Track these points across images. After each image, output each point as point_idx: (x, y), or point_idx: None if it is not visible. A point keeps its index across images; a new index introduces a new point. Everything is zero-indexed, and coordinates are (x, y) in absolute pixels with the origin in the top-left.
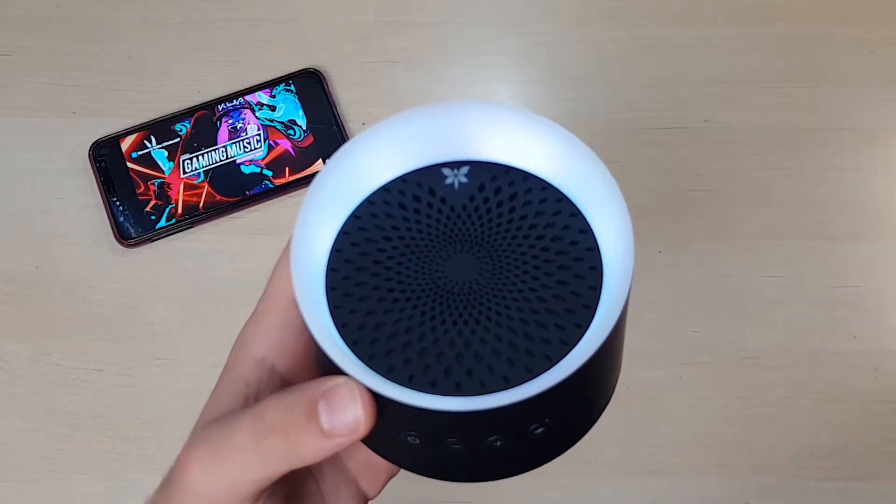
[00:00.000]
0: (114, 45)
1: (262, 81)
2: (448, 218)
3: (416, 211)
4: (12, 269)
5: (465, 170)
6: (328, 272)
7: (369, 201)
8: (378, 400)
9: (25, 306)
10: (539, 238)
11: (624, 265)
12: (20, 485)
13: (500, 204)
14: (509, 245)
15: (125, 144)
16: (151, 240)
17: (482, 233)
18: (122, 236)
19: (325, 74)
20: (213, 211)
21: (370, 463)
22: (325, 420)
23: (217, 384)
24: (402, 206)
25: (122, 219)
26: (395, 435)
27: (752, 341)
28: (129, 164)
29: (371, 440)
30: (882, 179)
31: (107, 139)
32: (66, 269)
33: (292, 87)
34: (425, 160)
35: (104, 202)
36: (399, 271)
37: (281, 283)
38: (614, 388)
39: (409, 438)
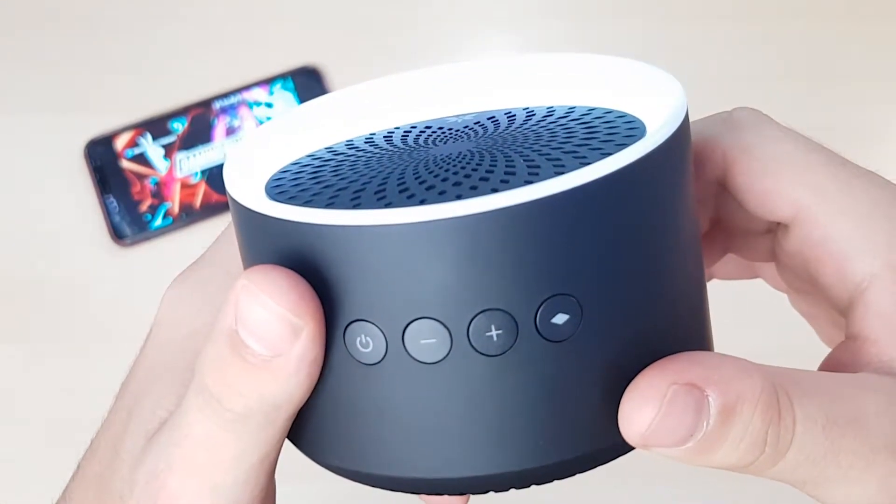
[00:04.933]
0: (108, 43)
1: (259, 78)
2: (443, 133)
3: (405, 132)
4: (6, 269)
5: (470, 115)
6: (270, 181)
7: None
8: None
9: (19, 307)
10: (565, 117)
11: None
12: (15, 487)
13: (510, 116)
14: (524, 132)
15: (119, 143)
16: (147, 240)
17: (490, 132)
18: (118, 236)
19: (323, 71)
20: (211, 210)
21: None
22: (253, 342)
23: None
24: (387, 136)
25: (117, 218)
26: (335, 353)
27: (759, 342)
28: (124, 163)
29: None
30: (890, 178)
31: (101, 138)
32: (60, 269)
33: (290, 84)
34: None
35: (99, 201)
36: (369, 163)
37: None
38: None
39: (358, 344)
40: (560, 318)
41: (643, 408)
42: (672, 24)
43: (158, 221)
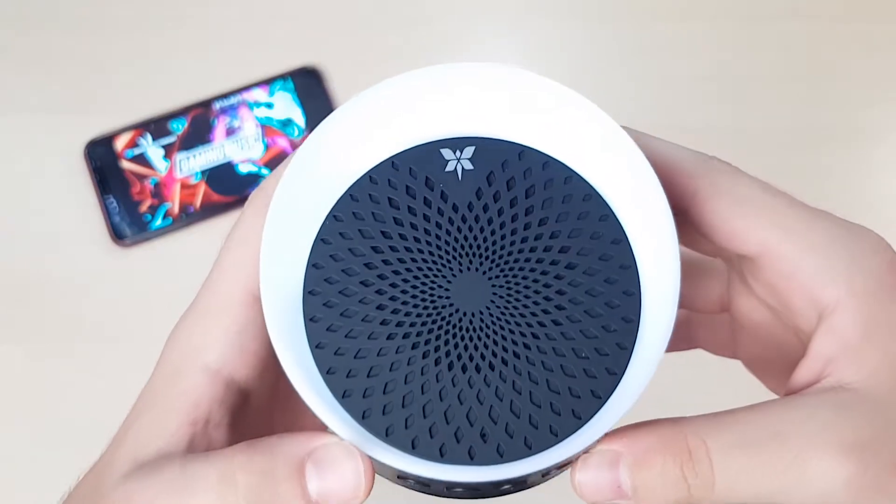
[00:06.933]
0: (108, 43)
1: (259, 79)
2: (451, 222)
3: (411, 210)
4: (6, 269)
5: (469, 151)
6: (305, 296)
7: (351, 195)
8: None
9: (19, 307)
10: (562, 251)
11: (667, 287)
12: (14, 488)
13: (513, 202)
14: (526, 261)
15: (120, 143)
16: (147, 240)
17: (493, 243)
18: (118, 236)
19: (323, 72)
20: (210, 211)
21: None
22: (314, 486)
23: (155, 394)
24: (392, 205)
25: (117, 219)
26: (390, 477)
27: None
28: (124, 164)
29: None
30: (891, 179)
31: (101, 138)
32: (60, 269)
33: (290, 85)
34: (419, 138)
35: (99, 202)
36: (393, 296)
37: (232, 271)
38: None
39: (408, 483)
40: None
41: (573, 472)
42: (673, 24)
43: (158, 222)
